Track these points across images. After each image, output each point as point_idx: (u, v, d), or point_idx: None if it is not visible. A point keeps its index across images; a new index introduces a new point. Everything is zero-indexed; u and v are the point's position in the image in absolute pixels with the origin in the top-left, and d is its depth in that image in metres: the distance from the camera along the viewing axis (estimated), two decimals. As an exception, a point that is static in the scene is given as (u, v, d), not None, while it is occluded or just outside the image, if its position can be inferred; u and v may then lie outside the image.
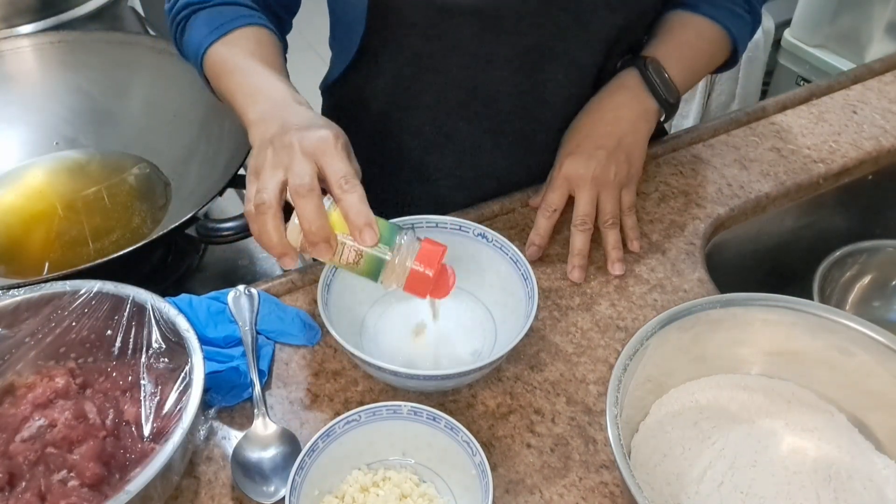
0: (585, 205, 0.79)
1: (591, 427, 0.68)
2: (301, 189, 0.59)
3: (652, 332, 0.62)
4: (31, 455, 0.59)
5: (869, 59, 1.50)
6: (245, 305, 0.72)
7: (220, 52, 0.75)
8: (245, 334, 0.70)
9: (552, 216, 0.80)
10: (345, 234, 0.61)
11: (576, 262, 0.79)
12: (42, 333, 0.66)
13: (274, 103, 0.67)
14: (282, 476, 0.63)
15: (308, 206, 0.59)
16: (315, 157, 0.60)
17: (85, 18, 1.22)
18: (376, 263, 0.62)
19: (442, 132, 0.88)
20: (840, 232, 0.98)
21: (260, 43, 0.75)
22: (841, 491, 0.59)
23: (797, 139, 0.97)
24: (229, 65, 0.73)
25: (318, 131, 0.62)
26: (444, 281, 0.65)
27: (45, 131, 1.06)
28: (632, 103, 0.82)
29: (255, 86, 0.70)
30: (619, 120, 0.81)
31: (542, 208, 0.80)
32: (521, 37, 0.79)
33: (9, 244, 0.93)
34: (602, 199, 0.79)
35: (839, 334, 0.64)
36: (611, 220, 0.79)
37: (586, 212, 0.79)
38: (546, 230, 0.80)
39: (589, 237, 0.79)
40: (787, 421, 0.64)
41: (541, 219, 0.80)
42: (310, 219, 0.59)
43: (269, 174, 0.60)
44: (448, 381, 0.67)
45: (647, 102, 0.82)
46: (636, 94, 0.82)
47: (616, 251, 0.80)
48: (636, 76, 0.83)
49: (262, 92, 0.69)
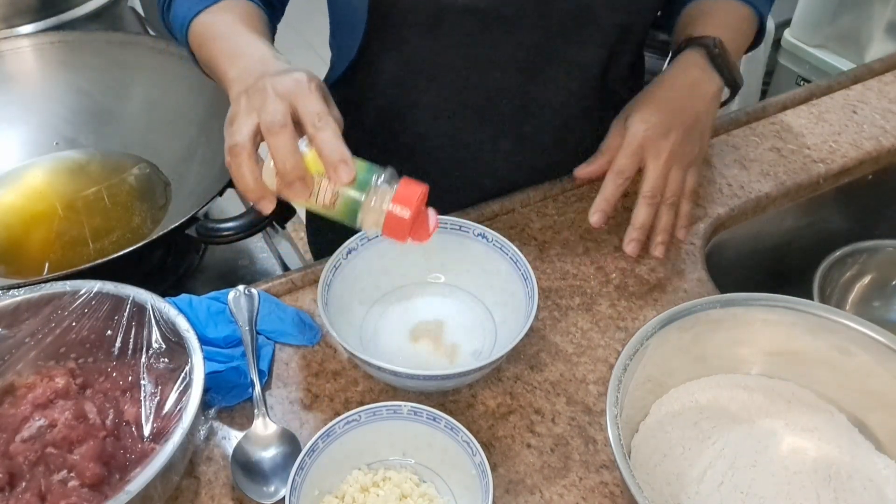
0: (659, 177, 0.75)
1: (591, 427, 0.68)
2: (273, 126, 0.58)
3: (652, 332, 0.62)
4: (31, 455, 0.59)
5: (869, 59, 1.50)
6: (245, 305, 0.72)
7: (205, 20, 0.74)
8: (245, 334, 0.70)
9: (624, 183, 0.76)
10: (321, 174, 0.59)
11: (635, 236, 0.77)
12: (42, 333, 0.66)
13: (254, 61, 0.66)
14: (282, 476, 0.62)
15: (280, 142, 0.57)
16: (289, 98, 0.59)
17: (85, 18, 1.22)
18: (352, 205, 0.59)
19: (442, 132, 0.88)
20: (840, 232, 0.98)
21: (244, 12, 0.75)
22: (841, 491, 0.59)
23: (797, 139, 0.97)
24: (213, 31, 0.73)
25: (293, 74, 0.61)
26: (422, 223, 0.62)
27: (46, 131, 1.06)
28: (707, 81, 0.79)
29: (236, 48, 0.69)
30: (697, 96, 0.78)
31: (615, 173, 0.76)
32: (522, 36, 0.79)
33: (9, 244, 0.93)
34: (672, 175, 0.76)
35: (839, 334, 0.64)
36: (673, 198, 0.77)
37: (658, 185, 0.76)
38: (615, 197, 0.76)
39: (654, 212, 0.77)
40: (788, 421, 0.64)
41: (610, 185, 0.76)
42: (282, 156, 0.57)
43: (243, 119, 0.59)
44: (448, 381, 0.67)
45: (719, 82, 0.80)
46: (709, 73, 0.79)
47: (665, 233, 0.78)
48: (703, 56, 0.79)
49: (244, 53, 0.68)
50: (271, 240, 1.00)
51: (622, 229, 0.84)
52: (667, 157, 0.75)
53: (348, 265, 0.73)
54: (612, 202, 0.76)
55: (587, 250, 0.83)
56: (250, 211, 0.77)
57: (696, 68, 0.79)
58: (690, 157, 0.78)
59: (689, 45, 0.81)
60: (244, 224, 0.77)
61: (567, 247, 0.83)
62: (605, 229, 0.84)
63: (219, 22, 0.73)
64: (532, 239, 0.84)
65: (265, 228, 0.82)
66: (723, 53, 0.79)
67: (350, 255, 0.73)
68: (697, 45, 0.80)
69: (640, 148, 0.76)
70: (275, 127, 0.58)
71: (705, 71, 0.79)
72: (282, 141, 0.58)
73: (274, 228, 0.99)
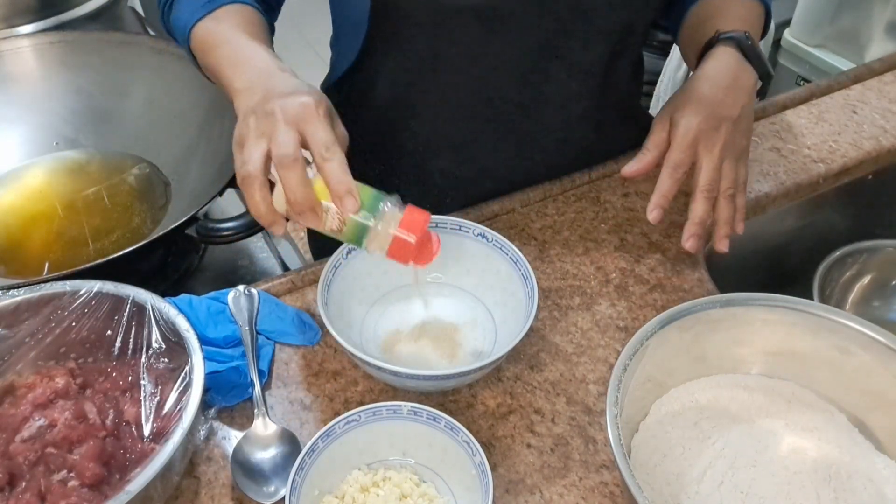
0: (714, 170, 0.75)
1: (591, 427, 0.68)
2: (285, 160, 0.59)
3: (652, 332, 0.62)
4: (31, 455, 0.59)
5: (869, 59, 1.50)
6: (245, 305, 0.72)
7: (207, 27, 0.75)
8: (245, 334, 0.70)
9: (681, 178, 0.75)
10: (329, 200, 0.61)
11: (695, 231, 0.76)
12: (42, 333, 0.66)
13: (259, 72, 0.67)
14: (282, 476, 0.62)
15: (292, 177, 0.59)
16: (297, 125, 0.60)
17: (85, 18, 1.22)
18: (359, 230, 0.62)
19: (443, 132, 0.88)
20: (840, 232, 0.98)
21: (245, 19, 0.76)
22: (841, 491, 0.59)
23: (797, 139, 0.97)
24: (216, 38, 0.73)
25: (300, 97, 0.62)
26: (427, 248, 0.65)
27: (45, 131, 1.06)
28: (744, 74, 0.79)
29: (240, 56, 0.70)
30: (739, 88, 0.78)
31: (671, 168, 0.75)
32: (523, 36, 0.79)
33: (9, 244, 0.93)
34: (726, 168, 0.76)
35: (839, 334, 0.64)
36: (730, 190, 0.76)
37: (715, 178, 0.75)
38: (672, 192, 0.75)
39: (711, 206, 0.76)
40: (788, 421, 0.64)
41: (667, 179, 0.75)
42: (294, 189, 0.59)
43: (252, 144, 0.61)
44: (448, 381, 0.67)
45: (754, 74, 0.80)
46: (744, 66, 0.79)
47: (728, 226, 0.77)
48: (736, 49, 0.79)
49: (248, 62, 0.69)
50: (271, 240, 1.00)
51: (622, 229, 0.85)
52: (720, 150, 0.75)
53: (348, 265, 0.73)
54: (669, 197, 0.75)
55: (587, 250, 0.83)
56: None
57: (733, 62, 0.79)
58: (741, 149, 0.77)
59: (721, 41, 0.80)
60: (244, 224, 0.77)
61: (567, 247, 0.83)
62: (606, 229, 0.84)
63: (222, 30, 0.74)
64: (532, 239, 0.84)
65: (265, 228, 0.82)
66: (755, 46, 0.79)
67: (350, 255, 0.73)
68: (729, 40, 0.80)
69: (694, 141, 0.75)
70: (286, 160, 0.59)
71: (741, 64, 0.79)
72: (293, 174, 0.59)
73: (274, 228, 0.99)
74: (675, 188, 0.75)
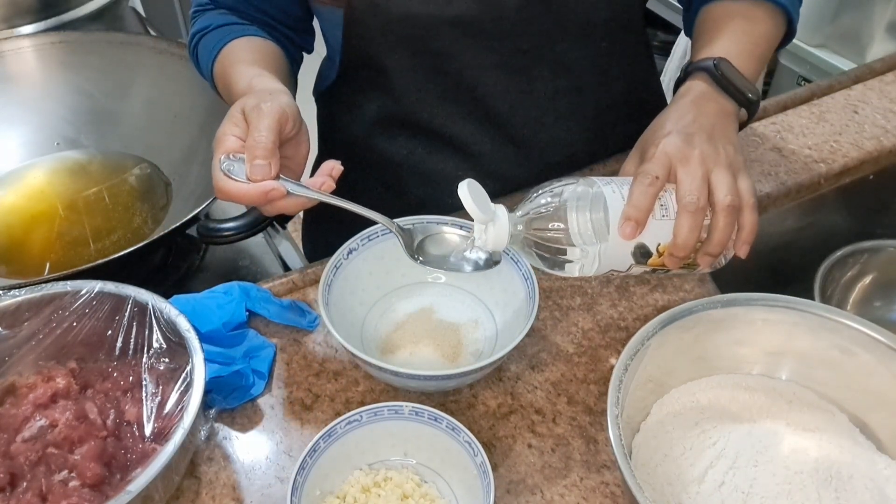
0: (694, 179, 0.63)
1: (592, 427, 0.68)
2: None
3: (653, 332, 0.62)
4: (32, 455, 0.59)
5: (870, 59, 1.50)
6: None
7: (217, 69, 0.81)
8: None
9: (653, 182, 0.62)
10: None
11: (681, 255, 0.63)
12: (43, 334, 0.66)
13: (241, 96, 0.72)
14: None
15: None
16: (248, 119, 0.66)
17: (86, 19, 1.22)
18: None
19: (440, 135, 0.88)
20: (841, 232, 0.98)
21: (246, 49, 0.81)
22: (842, 491, 0.59)
23: (798, 139, 0.97)
24: (225, 79, 0.79)
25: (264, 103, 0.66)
26: None
27: (46, 132, 1.06)
28: (709, 103, 0.71)
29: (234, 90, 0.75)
30: (702, 114, 0.70)
31: (640, 176, 0.63)
32: (504, 42, 0.80)
33: (10, 244, 0.93)
34: (715, 177, 0.64)
35: (840, 334, 0.64)
36: (729, 197, 0.63)
37: (697, 185, 0.62)
38: (644, 204, 0.61)
39: (699, 223, 0.62)
40: (789, 421, 0.64)
41: (636, 188, 0.62)
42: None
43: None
44: (449, 382, 0.67)
45: (724, 103, 0.72)
46: (711, 95, 0.72)
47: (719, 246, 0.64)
48: (706, 80, 0.73)
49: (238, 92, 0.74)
50: (272, 240, 1.00)
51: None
52: (698, 160, 0.64)
53: (349, 265, 0.73)
54: (641, 209, 0.62)
55: (588, 250, 0.83)
56: (251, 211, 0.77)
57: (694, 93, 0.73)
58: (729, 160, 0.66)
59: (689, 74, 0.75)
60: (245, 224, 0.77)
61: (568, 247, 0.83)
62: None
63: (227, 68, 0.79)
64: (533, 239, 0.84)
65: (266, 228, 0.82)
66: (727, 75, 0.72)
67: (351, 256, 0.73)
68: (699, 71, 0.73)
69: (665, 156, 0.65)
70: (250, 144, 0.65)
71: (707, 94, 0.73)
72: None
73: (275, 228, 0.99)
74: (648, 197, 0.62)
